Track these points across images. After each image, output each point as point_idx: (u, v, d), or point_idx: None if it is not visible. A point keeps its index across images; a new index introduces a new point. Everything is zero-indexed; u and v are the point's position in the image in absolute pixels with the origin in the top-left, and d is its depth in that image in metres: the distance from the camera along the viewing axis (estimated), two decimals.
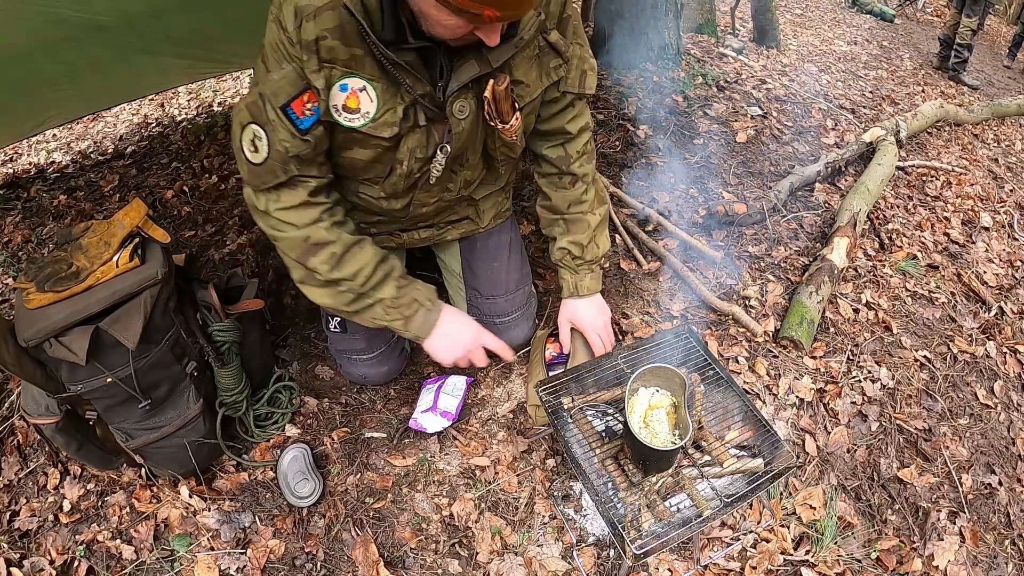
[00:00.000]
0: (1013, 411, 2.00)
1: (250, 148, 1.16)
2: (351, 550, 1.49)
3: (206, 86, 3.95)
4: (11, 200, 2.90)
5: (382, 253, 1.32)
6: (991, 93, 5.23)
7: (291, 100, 1.09)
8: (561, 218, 1.56)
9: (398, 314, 1.32)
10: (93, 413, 1.44)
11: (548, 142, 1.49)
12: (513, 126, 1.27)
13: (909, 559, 1.54)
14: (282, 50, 1.07)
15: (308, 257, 1.24)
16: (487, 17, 0.92)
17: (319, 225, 1.23)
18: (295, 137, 1.12)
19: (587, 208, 1.54)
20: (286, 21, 1.04)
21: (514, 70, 1.22)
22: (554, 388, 1.48)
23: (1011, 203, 3.13)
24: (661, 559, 1.46)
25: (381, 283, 1.29)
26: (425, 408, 1.72)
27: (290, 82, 1.08)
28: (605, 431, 1.51)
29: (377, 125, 1.17)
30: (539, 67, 1.27)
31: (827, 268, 2.19)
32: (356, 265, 1.26)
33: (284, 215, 1.21)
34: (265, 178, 1.17)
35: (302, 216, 1.22)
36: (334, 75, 1.10)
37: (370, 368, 1.75)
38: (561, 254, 1.57)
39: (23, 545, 1.51)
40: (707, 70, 3.85)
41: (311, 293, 1.32)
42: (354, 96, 1.13)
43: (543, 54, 1.26)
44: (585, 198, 1.53)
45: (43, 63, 2.08)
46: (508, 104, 1.23)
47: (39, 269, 1.34)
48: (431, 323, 1.35)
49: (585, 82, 1.36)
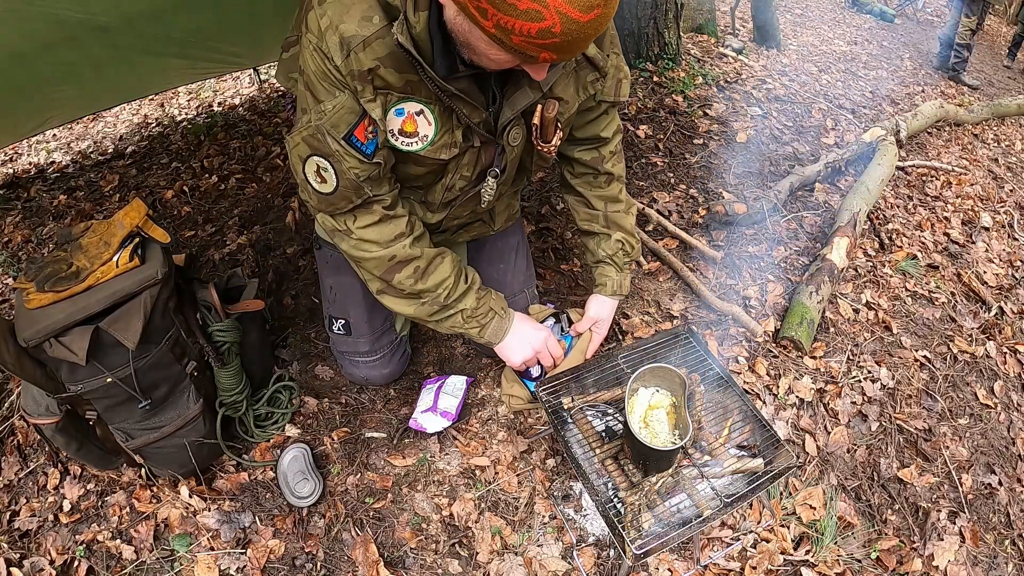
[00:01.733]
0: (1013, 411, 2.00)
1: (317, 179, 1.15)
2: (351, 550, 1.49)
3: (206, 86, 3.95)
4: (11, 200, 2.90)
5: (459, 264, 1.35)
6: (991, 93, 5.23)
7: (353, 128, 1.08)
8: (601, 215, 1.56)
9: (476, 323, 1.37)
10: (93, 413, 1.44)
11: (582, 146, 1.49)
12: (555, 145, 1.27)
13: (909, 559, 1.54)
14: (332, 78, 1.05)
15: (393, 274, 1.27)
16: (543, 59, 0.90)
17: (402, 242, 1.25)
18: (364, 163, 1.12)
19: (623, 208, 1.56)
20: (332, 52, 1.01)
21: (554, 87, 1.20)
22: (554, 388, 1.48)
23: (1011, 203, 3.13)
24: (661, 559, 1.46)
25: (463, 295, 1.34)
26: (425, 408, 1.72)
27: (348, 110, 1.07)
28: (605, 431, 1.50)
29: (436, 148, 1.17)
30: (576, 81, 1.25)
31: (827, 268, 2.19)
32: (439, 277, 1.30)
33: (366, 233, 1.22)
34: (339, 204, 1.18)
35: (383, 233, 1.23)
36: (390, 100, 1.09)
37: (372, 370, 1.75)
38: (615, 248, 1.57)
39: (23, 545, 1.51)
40: (707, 70, 3.85)
41: (391, 303, 1.34)
42: (411, 120, 1.12)
43: (580, 68, 1.24)
44: (621, 198, 1.55)
45: (43, 64, 2.08)
46: (554, 127, 1.23)
47: (39, 269, 1.34)
48: (504, 330, 1.41)
49: (620, 90, 1.37)
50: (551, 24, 0.81)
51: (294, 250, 2.32)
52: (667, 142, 3.02)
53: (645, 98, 3.34)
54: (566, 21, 0.81)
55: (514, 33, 0.83)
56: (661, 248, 2.30)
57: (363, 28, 1.00)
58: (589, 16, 0.81)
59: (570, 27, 0.82)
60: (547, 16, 0.80)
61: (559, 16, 0.80)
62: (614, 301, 1.63)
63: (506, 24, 0.83)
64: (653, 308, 2.12)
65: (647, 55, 3.63)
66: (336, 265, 1.71)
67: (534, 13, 0.80)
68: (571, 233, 2.40)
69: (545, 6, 0.79)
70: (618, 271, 1.60)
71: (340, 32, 1.00)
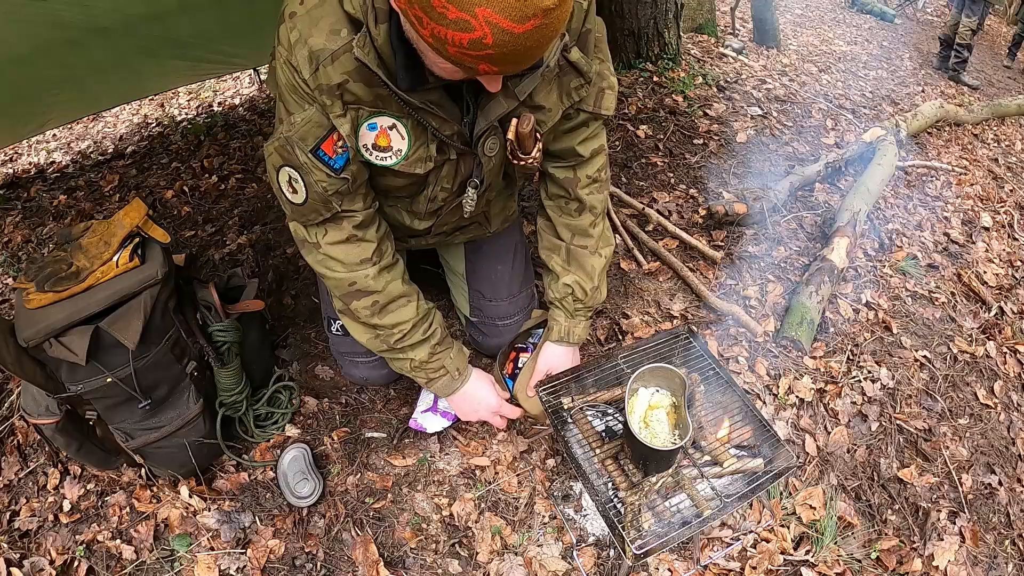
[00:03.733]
0: (1013, 411, 2.00)
1: (289, 190, 1.15)
2: (351, 550, 1.49)
3: (206, 86, 3.95)
4: (11, 200, 2.90)
5: (425, 311, 1.33)
6: (991, 93, 5.23)
7: (320, 142, 1.07)
8: (564, 248, 1.45)
9: (424, 374, 1.38)
10: (93, 413, 1.45)
11: (556, 162, 1.38)
12: (536, 157, 1.21)
13: (909, 559, 1.54)
14: (301, 91, 1.04)
15: (351, 300, 1.26)
16: (482, 71, 0.85)
17: (366, 270, 1.24)
18: (332, 177, 1.11)
19: (592, 246, 1.43)
20: (300, 66, 1.00)
21: (535, 95, 1.14)
22: (554, 388, 1.48)
23: (1011, 203, 3.13)
24: (661, 559, 1.46)
25: (417, 345, 1.33)
26: (425, 408, 1.72)
27: (316, 124, 1.06)
28: (605, 431, 1.51)
29: (411, 162, 1.14)
30: (559, 88, 1.18)
31: (827, 268, 2.18)
32: (396, 319, 1.29)
33: (332, 250, 1.21)
34: (310, 216, 1.17)
35: (349, 253, 1.22)
36: (361, 115, 1.07)
37: (371, 371, 1.75)
38: (564, 292, 1.45)
39: (23, 545, 1.51)
40: (707, 70, 3.85)
41: (349, 327, 1.34)
42: (384, 134, 1.10)
43: (563, 74, 1.16)
44: (591, 232, 1.42)
45: (44, 67, 2.07)
46: (532, 140, 1.17)
47: (39, 269, 1.34)
48: (452, 389, 1.42)
49: (602, 102, 1.26)
50: (482, 35, 0.76)
51: (294, 250, 2.32)
52: (667, 142, 3.02)
53: (645, 98, 3.34)
54: (498, 32, 0.75)
55: (448, 44, 0.79)
56: (661, 248, 2.30)
57: (331, 42, 0.98)
58: (524, 27, 0.75)
59: (503, 39, 0.76)
60: (476, 27, 0.75)
61: (489, 27, 0.75)
62: (566, 349, 1.51)
63: (440, 34, 0.78)
64: (653, 308, 2.12)
65: (647, 55, 3.63)
66: None
67: (463, 23, 0.75)
68: None
69: (474, 16, 0.74)
70: (567, 317, 1.48)
71: (309, 46, 0.99)
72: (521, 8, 0.74)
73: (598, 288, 1.46)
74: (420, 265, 2.10)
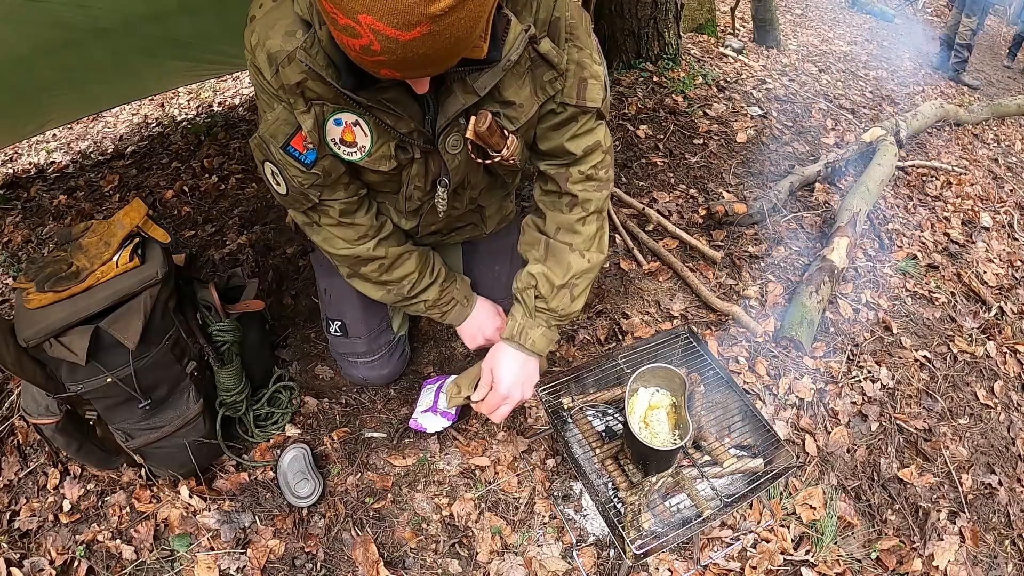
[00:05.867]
0: (1013, 411, 2.00)
1: (273, 181, 1.19)
2: (351, 550, 1.49)
3: (206, 86, 3.95)
4: (11, 200, 2.90)
5: (425, 256, 1.40)
6: (991, 93, 5.23)
7: (289, 139, 1.10)
8: (544, 242, 1.32)
9: (438, 310, 1.46)
10: (93, 413, 1.45)
11: (547, 160, 1.31)
12: (509, 153, 1.18)
13: (909, 559, 1.54)
14: (267, 92, 1.08)
15: (359, 267, 1.34)
16: (385, 75, 0.83)
17: (367, 244, 1.30)
18: (304, 172, 1.14)
19: (577, 245, 1.30)
20: (263, 67, 1.04)
21: (504, 90, 1.10)
22: (554, 388, 1.48)
23: (1011, 203, 3.13)
24: (661, 559, 1.46)
25: (427, 288, 1.41)
26: (425, 408, 1.71)
27: (284, 122, 1.09)
28: (605, 431, 1.51)
29: (374, 159, 1.15)
30: (532, 82, 1.12)
31: (827, 268, 2.18)
32: (404, 272, 1.37)
33: (333, 230, 1.27)
34: (297, 204, 1.22)
35: (348, 233, 1.27)
36: (325, 111, 1.09)
37: (371, 371, 1.75)
38: (526, 283, 1.31)
39: (23, 545, 1.51)
40: (707, 70, 3.85)
41: (361, 287, 1.40)
42: (349, 130, 1.11)
43: (535, 67, 1.11)
44: (579, 229, 1.30)
45: (44, 67, 2.07)
46: (497, 137, 1.13)
47: (39, 269, 1.34)
48: (464, 316, 1.49)
49: (586, 93, 1.17)
50: (368, 42, 0.75)
51: (294, 250, 2.32)
52: (667, 142, 3.02)
53: (645, 98, 3.34)
54: (383, 39, 0.74)
55: (348, 48, 0.79)
56: (661, 248, 2.30)
57: (287, 43, 1.01)
58: (411, 35, 0.73)
59: (390, 46, 0.74)
60: (362, 34, 0.74)
61: (374, 34, 0.73)
62: (516, 354, 1.31)
63: (339, 39, 0.78)
64: (653, 308, 2.12)
65: (647, 55, 3.63)
66: (330, 267, 1.70)
67: (351, 30, 0.74)
68: None
69: (358, 23, 0.73)
70: (525, 314, 1.31)
71: (267, 48, 1.02)
72: (404, 15, 0.71)
73: (568, 291, 1.29)
74: None
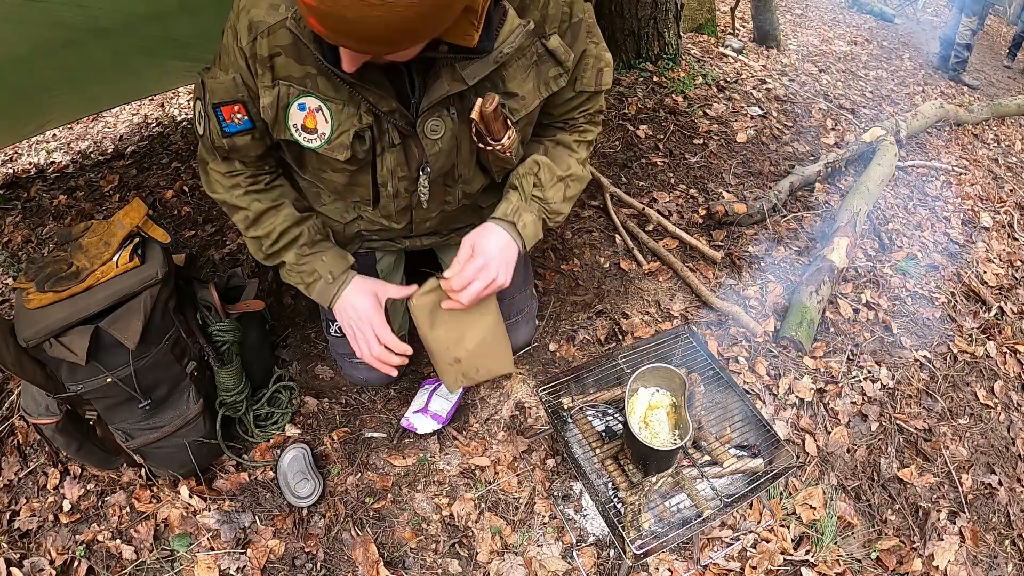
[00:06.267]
0: (1013, 411, 2.00)
1: (196, 119, 1.24)
2: (351, 550, 1.49)
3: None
4: (11, 200, 2.89)
5: (297, 218, 1.34)
6: (991, 93, 5.23)
7: (223, 104, 1.14)
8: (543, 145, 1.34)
9: (299, 278, 1.36)
10: (93, 413, 1.45)
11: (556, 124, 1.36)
12: (507, 144, 1.18)
13: (909, 559, 1.54)
14: (231, 58, 1.09)
15: (232, 213, 1.32)
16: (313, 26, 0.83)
17: (235, 192, 1.30)
18: (220, 136, 1.19)
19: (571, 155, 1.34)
20: (241, 34, 1.06)
21: (508, 81, 1.13)
22: (554, 388, 1.49)
23: (1011, 203, 3.13)
24: (661, 559, 1.46)
25: (285, 249, 1.34)
26: (417, 409, 1.72)
27: (226, 89, 1.12)
28: (605, 431, 1.51)
29: (332, 147, 1.15)
30: (536, 77, 1.16)
31: (827, 268, 2.19)
32: (267, 228, 1.32)
33: (215, 176, 1.29)
34: (205, 143, 1.25)
35: (225, 182, 1.29)
36: (291, 93, 1.10)
37: (371, 372, 1.73)
38: (527, 169, 1.28)
39: (23, 545, 1.51)
40: (707, 70, 3.85)
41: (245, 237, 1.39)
42: (312, 116, 1.12)
43: (541, 62, 1.15)
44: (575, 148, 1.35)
45: (44, 67, 2.07)
46: (500, 123, 1.14)
47: (39, 269, 1.34)
48: (330, 295, 1.34)
49: (602, 79, 1.27)
50: None
51: None
52: (667, 142, 3.02)
53: (645, 98, 3.34)
54: None
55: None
56: (661, 248, 2.30)
57: (269, 16, 1.03)
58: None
59: None
60: None
61: None
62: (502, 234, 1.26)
63: None
64: (653, 308, 2.12)
65: (647, 55, 3.63)
66: None
67: None
68: (571, 233, 2.40)
69: None
70: (521, 198, 1.28)
71: (250, 16, 1.04)
72: None
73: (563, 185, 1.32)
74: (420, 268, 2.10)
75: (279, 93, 1.10)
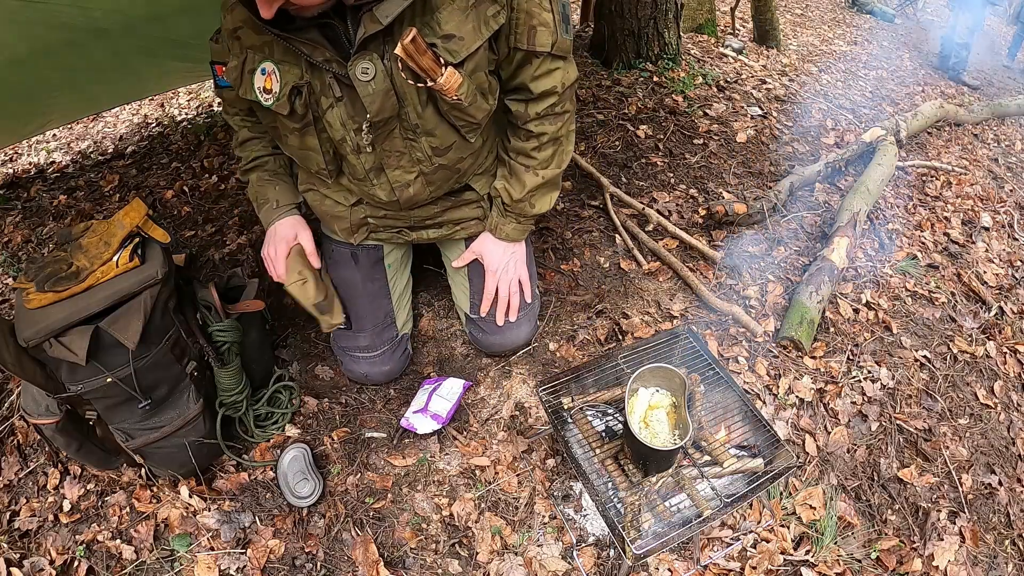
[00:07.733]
0: (1013, 411, 2.00)
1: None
2: (351, 550, 1.49)
3: (206, 86, 3.94)
4: (11, 200, 2.90)
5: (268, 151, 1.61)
6: (991, 93, 5.23)
7: (216, 63, 1.41)
8: (508, 163, 1.55)
9: (255, 197, 1.63)
10: (93, 413, 1.45)
11: (512, 95, 1.44)
12: (448, 84, 1.21)
13: (909, 559, 1.54)
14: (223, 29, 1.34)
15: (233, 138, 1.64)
16: None
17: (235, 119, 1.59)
18: (216, 87, 1.48)
19: (532, 165, 1.51)
20: (222, 11, 1.31)
21: (443, 24, 1.18)
22: (554, 388, 1.49)
23: (1011, 203, 3.13)
24: (661, 559, 1.46)
25: (252, 169, 1.62)
26: (417, 409, 1.72)
27: (217, 52, 1.40)
28: (605, 431, 1.51)
29: (280, 103, 1.28)
30: (476, 17, 1.20)
31: (827, 268, 2.18)
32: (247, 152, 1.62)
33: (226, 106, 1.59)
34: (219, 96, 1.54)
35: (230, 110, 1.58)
36: (255, 60, 1.28)
37: (372, 367, 1.75)
38: (495, 192, 1.59)
39: (23, 545, 1.51)
40: (707, 70, 3.85)
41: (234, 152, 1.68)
42: (269, 78, 1.28)
43: (479, 2, 1.19)
44: (535, 155, 1.49)
45: (44, 67, 2.08)
46: (428, 59, 1.17)
47: (39, 269, 1.34)
48: (271, 219, 1.61)
49: (535, 39, 1.27)
50: None
51: None
52: (667, 142, 3.02)
53: (645, 98, 3.34)
54: None
55: None
56: (661, 248, 2.30)
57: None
58: None
59: None
60: None
61: None
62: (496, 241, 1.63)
63: None
64: (653, 308, 2.12)
65: (647, 55, 3.63)
66: (336, 260, 1.71)
67: None
68: (571, 233, 2.40)
69: None
70: (499, 214, 1.60)
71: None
72: None
73: (527, 201, 1.56)
74: (423, 265, 2.11)
75: (245, 59, 1.29)
